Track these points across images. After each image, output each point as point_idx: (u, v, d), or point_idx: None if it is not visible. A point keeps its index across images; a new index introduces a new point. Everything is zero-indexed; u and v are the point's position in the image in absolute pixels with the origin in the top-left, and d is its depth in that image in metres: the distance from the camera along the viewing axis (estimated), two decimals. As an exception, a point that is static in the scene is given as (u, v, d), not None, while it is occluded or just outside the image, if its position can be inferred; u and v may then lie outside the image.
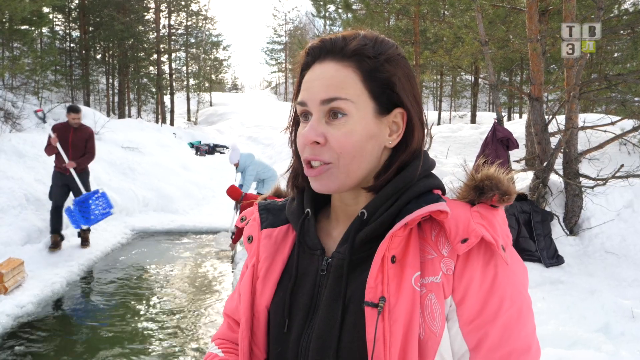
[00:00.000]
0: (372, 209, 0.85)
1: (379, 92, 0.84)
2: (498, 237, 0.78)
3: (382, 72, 0.84)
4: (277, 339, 0.88)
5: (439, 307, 0.77)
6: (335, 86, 0.82)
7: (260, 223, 0.97)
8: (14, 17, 12.53)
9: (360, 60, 0.84)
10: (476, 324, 0.76)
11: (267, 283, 0.91)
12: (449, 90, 31.49)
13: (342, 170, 0.83)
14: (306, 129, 0.84)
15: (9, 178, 8.09)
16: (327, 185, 0.84)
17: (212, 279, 7.05)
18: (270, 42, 57.15)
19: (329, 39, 0.86)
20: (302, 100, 0.85)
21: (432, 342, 0.76)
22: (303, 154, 0.86)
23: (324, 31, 37.78)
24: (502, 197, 0.83)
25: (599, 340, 4.19)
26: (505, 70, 23.70)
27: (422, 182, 0.86)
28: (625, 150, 8.51)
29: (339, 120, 0.82)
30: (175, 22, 31.54)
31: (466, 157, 9.22)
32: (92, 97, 25.86)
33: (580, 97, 7.11)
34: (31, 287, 5.86)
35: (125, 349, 4.76)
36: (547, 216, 6.45)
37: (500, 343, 0.75)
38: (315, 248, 0.90)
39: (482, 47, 7.80)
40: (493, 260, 0.79)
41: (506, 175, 0.86)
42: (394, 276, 0.78)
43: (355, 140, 0.82)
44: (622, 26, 8.75)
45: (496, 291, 0.77)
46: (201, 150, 20.48)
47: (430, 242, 0.81)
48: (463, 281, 0.77)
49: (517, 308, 0.77)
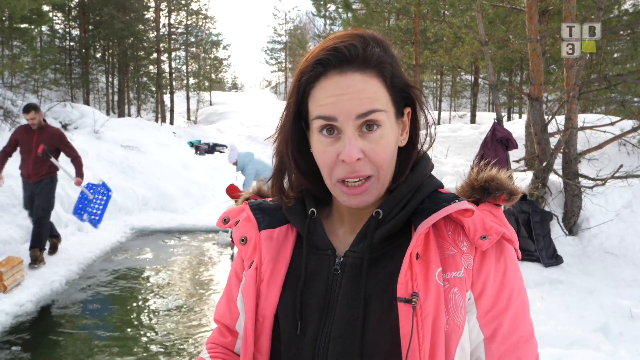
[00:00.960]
0: (388, 208, 0.86)
1: (398, 95, 0.86)
2: (513, 234, 0.84)
3: (397, 77, 0.86)
4: (290, 342, 0.86)
5: (461, 301, 0.80)
6: (370, 98, 0.81)
7: (258, 224, 0.94)
8: (14, 15, 12.53)
9: (382, 68, 0.83)
10: (491, 315, 0.82)
11: (272, 286, 0.89)
12: (449, 90, 31.50)
13: (381, 181, 0.84)
14: (346, 148, 0.80)
15: (9, 176, 8.06)
16: (366, 200, 0.84)
17: (212, 278, 7.06)
18: (270, 41, 57.23)
19: (344, 47, 0.82)
20: (331, 115, 0.81)
21: (455, 334, 0.79)
22: (333, 173, 0.84)
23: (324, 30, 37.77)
24: (509, 196, 0.88)
25: (598, 340, 4.19)
26: (505, 70, 23.73)
27: (429, 182, 0.90)
28: (625, 150, 8.52)
29: (375, 132, 0.82)
30: (175, 21, 31.56)
31: (466, 157, 9.22)
32: (92, 95, 25.85)
33: (579, 97, 7.12)
34: (30, 285, 5.86)
35: (125, 348, 4.76)
36: (547, 216, 6.46)
37: (511, 331, 0.82)
38: (325, 248, 0.90)
39: (482, 47, 7.80)
40: (503, 254, 0.84)
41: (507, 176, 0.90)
42: (421, 272, 0.80)
43: (391, 149, 0.84)
44: (622, 26, 8.76)
45: (507, 284, 0.83)
46: (201, 149, 20.47)
47: (448, 239, 0.84)
48: (482, 275, 0.82)
49: (522, 298, 0.85)
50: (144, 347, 4.82)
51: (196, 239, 9.41)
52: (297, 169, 0.92)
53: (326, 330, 0.84)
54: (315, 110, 0.83)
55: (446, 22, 12.28)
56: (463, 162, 8.76)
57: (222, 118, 33.11)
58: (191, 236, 9.57)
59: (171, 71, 29.80)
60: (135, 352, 4.69)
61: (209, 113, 35.54)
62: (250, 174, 8.02)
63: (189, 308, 5.86)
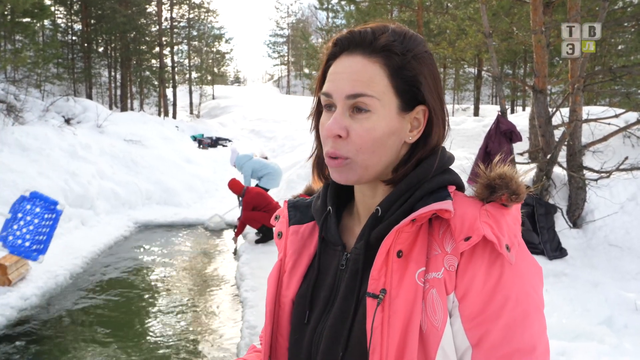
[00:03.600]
0: (386, 206, 0.86)
1: (405, 89, 0.85)
2: (502, 237, 0.79)
3: (408, 70, 0.85)
4: (297, 328, 0.93)
5: (440, 302, 0.78)
6: (362, 82, 0.83)
7: (289, 220, 1.01)
8: (16, 10, 12.52)
9: (388, 56, 0.84)
10: (478, 321, 0.77)
11: (293, 277, 0.96)
12: (452, 83, 31.38)
13: (361, 164, 0.85)
14: (330, 122, 0.84)
15: (12, 171, 8.10)
16: (346, 176, 0.86)
17: (215, 272, 7.07)
18: (273, 34, 57.01)
19: (358, 32, 0.86)
20: (328, 91, 0.86)
21: (434, 336, 0.78)
22: (325, 145, 0.88)
23: (326, 23, 37.65)
24: (511, 196, 0.83)
25: (603, 333, 4.19)
26: (509, 62, 23.62)
27: (436, 179, 0.87)
28: (630, 142, 8.46)
29: (363, 114, 0.83)
30: (177, 15, 31.44)
31: (469, 150, 9.19)
32: (95, 90, 25.87)
33: (584, 89, 7.08)
34: (35, 279, 5.88)
35: (129, 341, 4.78)
36: (551, 209, 6.44)
37: (502, 342, 0.76)
38: (336, 244, 0.93)
39: (485, 39, 7.76)
40: (500, 259, 0.79)
41: (518, 175, 0.86)
42: (398, 270, 0.80)
43: (376, 136, 0.84)
44: (626, 18, 8.68)
45: (501, 290, 0.77)
46: (204, 143, 20.46)
47: (437, 239, 0.82)
48: (465, 278, 0.78)
49: (522, 309, 0.77)
50: (148, 340, 4.84)
51: (200, 232, 9.43)
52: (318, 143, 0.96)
53: (326, 319, 0.89)
54: (323, 87, 0.88)
55: (449, 14, 12.21)
56: (467, 155, 8.73)
57: (224, 112, 33.06)
58: (195, 230, 9.59)
59: (173, 65, 29.73)
60: (139, 344, 4.71)
61: (211, 107, 35.49)
62: (247, 175, 8.67)
63: (193, 302, 5.88)
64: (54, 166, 9.16)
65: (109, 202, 9.82)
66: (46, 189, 8.19)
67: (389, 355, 0.78)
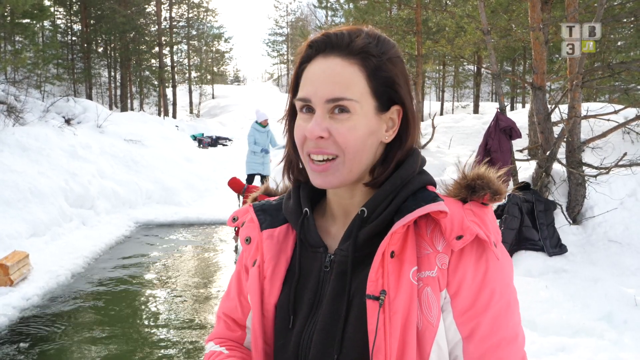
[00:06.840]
0: (372, 207, 0.87)
1: (381, 90, 0.86)
2: (490, 235, 0.83)
3: (385, 71, 0.86)
4: (281, 334, 0.91)
5: (435, 300, 0.81)
6: (341, 84, 0.83)
7: (260, 224, 0.98)
8: (16, 11, 12.52)
9: (366, 57, 0.85)
10: (469, 315, 0.82)
11: (274, 282, 0.93)
12: (452, 81, 31.36)
13: (347, 165, 0.85)
14: (311, 124, 0.84)
15: (13, 171, 8.11)
16: (329, 181, 0.86)
17: (216, 271, 7.09)
18: (272, 33, 56.96)
19: (334, 34, 0.86)
20: (306, 96, 0.85)
21: (429, 332, 0.81)
22: (304, 147, 0.87)
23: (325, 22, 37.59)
24: (493, 196, 0.87)
25: (602, 329, 4.20)
26: (508, 59, 23.61)
27: (416, 179, 0.89)
28: (629, 138, 8.46)
29: (344, 115, 0.84)
30: (176, 15, 31.49)
31: (469, 147, 9.20)
32: (95, 90, 25.89)
33: (583, 85, 7.07)
34: (36, 279, 5.90)
35: (130, 341, 4.80)
36: (550, 205, 6.44)
37: (490, 332, 0.81)
38: (318, 246, 0.92)
39: (484, 36, 7.75)
40: (484, 255, 0.83)
41: (496, 175, 0.89)
42: (393, 271, 0.82)
43: (358, 135, 0.84)
44: (625, 14, 8.69)
45: (487, 284, 0.82)
46: (204, 142, 20.47)
47: (426, 238, 0.84)
48: (457, 275, 0.82)
49: (506, 300, 0.83)
50: (149, 338, 4.86)
51: (200, 231, 9.45)
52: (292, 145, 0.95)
53: (312, 323, 0.88)
54: (299, 92, 0.87)
55: (448, 11, 12.20)
56: (467, 152, 8.75)
57: (224, 111, 33.09)
58: (195, 229, 9.60)
59: (173, 65, 29.74)
60: (140, 343, 4.73)
61: (211, 106, 35.52)
62: (250, 142, 9.42)
63: (194, 300, 5.89)
64: (55, 166, 9.16)
65: (110, 201, 9.83)
66: (46, 188, 8.21)
67: (392, 354, 0.80)
